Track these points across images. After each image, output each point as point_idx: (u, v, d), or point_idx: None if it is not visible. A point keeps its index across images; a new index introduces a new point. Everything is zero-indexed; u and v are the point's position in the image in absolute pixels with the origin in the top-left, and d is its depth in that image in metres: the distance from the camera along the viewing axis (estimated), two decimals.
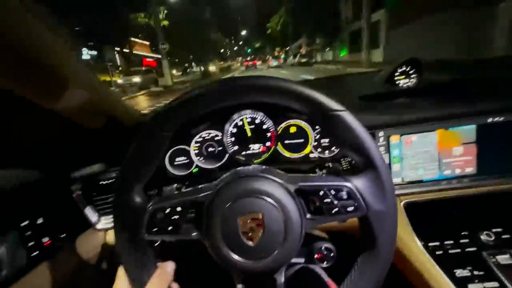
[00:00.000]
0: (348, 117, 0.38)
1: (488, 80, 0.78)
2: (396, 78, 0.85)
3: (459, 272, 0.55)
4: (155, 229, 0.39)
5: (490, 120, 0.64)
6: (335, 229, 0.68)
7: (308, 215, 0.39)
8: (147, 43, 28.98)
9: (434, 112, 0.66)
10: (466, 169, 0.67)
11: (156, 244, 0.43)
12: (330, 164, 0.63)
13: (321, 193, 0.38)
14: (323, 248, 0.42)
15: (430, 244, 0.61)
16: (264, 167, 0.45)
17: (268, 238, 0.38)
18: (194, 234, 0.40)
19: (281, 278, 0.40)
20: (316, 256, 0.42)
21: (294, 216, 0.38)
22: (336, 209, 0.38)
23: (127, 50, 22.45)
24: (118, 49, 21.08)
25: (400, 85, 0.84)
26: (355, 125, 0.38)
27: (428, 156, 0.67)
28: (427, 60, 0.82)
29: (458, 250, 0.59)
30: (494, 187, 0.65)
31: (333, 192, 0.38)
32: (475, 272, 0.54)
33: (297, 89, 0.39)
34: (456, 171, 0.67)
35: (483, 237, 0.60)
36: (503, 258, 0.55)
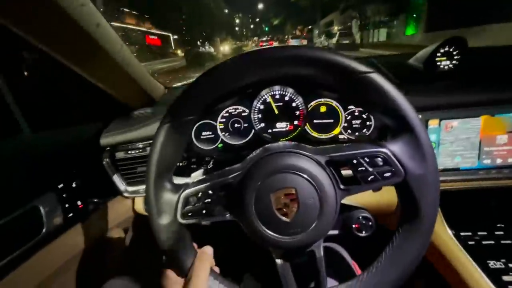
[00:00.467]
0: (378, 78, 0.35)
1: None
2: (437, 59, 0.78)
3: (493, 264, 0.53)
4: (189, 213, 0.39)
5: None
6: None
7: (342, 186, 0.38)
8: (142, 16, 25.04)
9: (480, 96, 0.61)
10: (509, 159, 0.63)
11: (193, 228, 0.43)
12: (359, 134, 0.59)
13: (355, 161, 0.36)
14: (360, 217, 0.41)
15: (462, 233, 0.59)
16: (294, 143, 0.43)
17: (303, 212, 0.37)
18: (228, 215, 0.40)
19: (320, 251, 0.39)
20: (354, 225, 0.41)
21: (328, 188, 0.37)
22: (372, 176, 0.36)
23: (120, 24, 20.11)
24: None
25: (442, 66, 0.78)
26: (387, 86, 0.35)
27: (468, 144, 0.63)
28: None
29: (492, 242, 0.57)
30: None
31: (367, 159, 0.36)
32: (510, 265, 0.52)
33: (320, 54, 0.35)
34: (497, 160, 0.63)
35: None
36: None
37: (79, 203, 0.59)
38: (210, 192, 0.39)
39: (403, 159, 0.35)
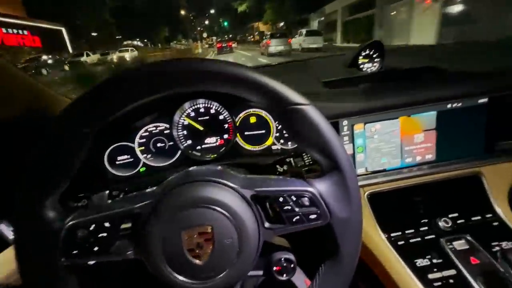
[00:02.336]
0: (313, 112, 0.33)
1: (448, 66, 0.78)
2: (360, 62, 0.81)
3: (420, 262, 0.54)
4: (75, 251, 0.31)
5: (449, 106, 0.64)
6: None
7: (267, 224, 0.35)
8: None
9: (398, 99, 0.63)
10: (426, 156, 0.67)
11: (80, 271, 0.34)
12: (292, 160, 0.59)
13: (281, 199, 0.34)
14: (282, 259, 0.38)
15: (393, 234, 0.60)
16: (218, 168, 0.38)
17: (219, 254, 0.32)
18: (129, 253, 0.33)
19: None
20: (275, 268, 0.38)
21: (250, 227, 0.33)
22: (297, 217, 0.34)
23: None
24: None
25: (364, 69, 0.81)
26: (320, 122, 0.33)
27: (391, 144, 0.65)
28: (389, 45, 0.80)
29: (419, 239, 0.59)
30: (451, 173, 0.66)
31: (294, 198, 0.34)
32: (434, 261, 0.54)
33: (252, 77, 0.32)
34: (417, 158, 0.67)
35: (440, 223, 0.60)
36: (459, 244, 0.56)
37: None
38: (107, 224, 0.32)
39: (329, 201, 0.34)
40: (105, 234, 0.32)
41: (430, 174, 0.66)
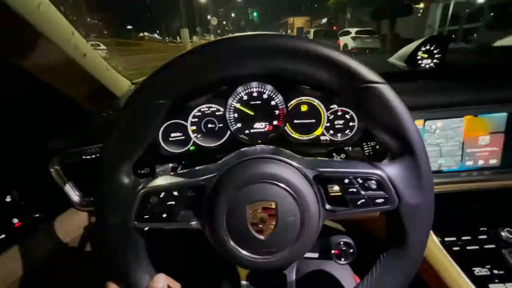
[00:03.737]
0: (388, 92, 0.31)
1: None
2: (418, 57, 0.76)
3: (478, 271, 0.51)
4: (146, 216, 0.33)
5: None
6: (348, 219, 0.63)
7: (328, 206, 0.34)
8: None
9: (463, 96, 0.59)
10: (490, 160, 0.62)
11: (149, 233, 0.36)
12: (350, 148, 0.57)
13: (346, 180, 0.33)
14: (341, 243, 0.37)
15: (447, 239, 0.57)
16: (273, 147, 0.38)
17: (282, 231, 0.32)
18: (193, 222, 0.34)
19: (292, 275, 0.36)
20: (333, 251, 0.37)
21: (312, 207, 0.33)
22: (363, 200, 0.32)
23: None
24: None
25: (423, 65, 0.76)
26: (396, 102, 0.31)
27: (452, 145, 0.61)
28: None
29: (476, 247, 0.55)
30: None
31: (360, 180, 0.32)
32: (495, 271, 0.51)
33: (325, 52, 0.31)
34: (479, 162, 0.62)
35: (503, 233, 0.56)
36: None
37: (15, 220, 0.49)
38: (176, 193, 0.33)
39: (399, 186, 0.32)
40: (173, 202, 0.33)
41: (491, 181, 0.61)
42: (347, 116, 0.65)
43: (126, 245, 0.34)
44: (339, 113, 0.65)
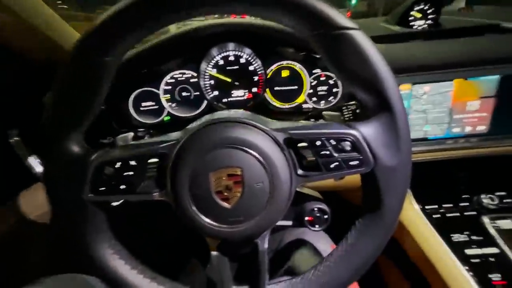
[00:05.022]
0: (362, 38, 0.28)
1: None
2: (410, 18, 0.71)
3: (456, 237, 0.50)
4: (102, 188, 0.31)
5: None
6: (326, 189, 0.61)
7: (300, 171, 0.31)
8: None
9: (455, 56, 0.55)
10: (478, 127, 0.59)
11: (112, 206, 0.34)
12: (329, 113, 0.54)
13: (318, 143, 0.30)
14: (315, 209, 0.35)
15: (428, 207, 0.56)
16: (243, 111, 0.35)
17: (249, 198, 0.30)
18: (155, 193, 0.32)
19: (264, 244, 0.34)
20: (306, 218, 0.35)
21: (283, 172, 0.30)
22: (336, 163, 0.30)
23: None
24: None
25: (415, 27, 0.71)
26: (371, 51, 0.28)
27: (439, 111, 0.58)
28: None
29: (457, 214, 0.54)
30: (504, 148, 0.58)
31: (333, 142, 0.30)
32: (473, 237, 0.50)
33: None
34: (466, 129, 0.59)
35: (485, 200, 0.55)
36: (505, 223, 0.51)
37: None
38: (133, 163, 0.31)
39: (375, 146, 0.29)
40: (131, 173, 0.31)
41: (478, 148, 0.59)
42: (331, 82, 0.61)
43: (83, 220, 0.31)
44: (322, 79, 0.61)
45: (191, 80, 0.61)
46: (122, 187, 0.31)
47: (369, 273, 0.34)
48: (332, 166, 0.30)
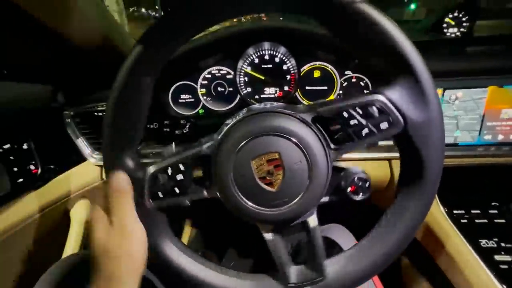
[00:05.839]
0: (372, 10, 0.28)
1: None
2: (444, 25, 0.71)
3: (485, 243, 0.50)
4: (160, 194, 0.34)
5: None
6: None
7: (333, 145, 0.33)
8: None
9: (489, 63, 0.55)
10: (511, 136, 0.59)
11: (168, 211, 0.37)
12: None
13: (345, 114, 0.31)
14: (356, 179, 0.35)
15: (455, 211, 0.55)
16: (274, 103, 0.37)
17: (291, 179, 0.32)
18: (205, 192, 0.35)
19: (314, 221, 0.35)
20: (349, 189, 0.35)
21: (317, 149, 0.32)
22: (366, 129, 0.30)
23: None
24: None
25: (448, 34, 0.71)
26: (383, 19, 0.28)
27: (471, 118, 0.58)
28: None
29: (485, 221, 0.54)
30: None
31: (359, 110, 0.30)
32: (502, 244, 0.50)
33: None
34: (498, 137, 0.59)
35: None
36: None
37: (32, 167, 0.51)
38: (182, 167, 0.33)
39: (402, 106, 0.29)
40: (181, 176, 0.33)
41: (510, 156, 0.59)
42: (362, 84, 0.62)
43: (148, 224, 0.34)
44: (353, 80, 0.62)
45: (227, 77, 0.65)
46: (177, 190, 0.33)
47: (391, 276, 0.34)
48: (363, 133, 0.30)
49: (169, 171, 0.33)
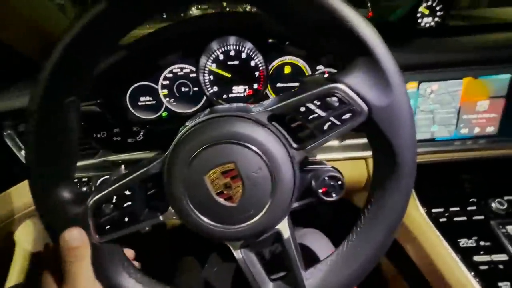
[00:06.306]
0: None
1: None
2: (418, 15, 0.68)
3: (464, 242, 0.48)
4: (107, 227, 0.29)
5: None
6: None
7: (295, 144, 0.29)
8: None
9: (464, 54, 0.53)
10: (487, 128, 0.57)
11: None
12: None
13: (303, 109, 0.27)
14: (326, 178, 0.31)
15: (434, 210, 0.53)
16: (242, 104, 0.33)
17: (252, 190, 0.28)
18: (160, 216, 0.31)
19: (287, 230, 0.31)
20: (320, 191, 0.31)
21: (277, 152, 0.28)
22: (328, 123, 0.27)
23: None
24: None
25: (422, 24, 0.68)
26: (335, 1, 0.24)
27: (447, 111, 0.56)
28: None
29: (464, 218, 0.52)
30: None
31: (317, 103, 0.27)
32: (482, 243, 0.48)
33: None
34: (475, 130, 0.57)
35: (493, 205, 0.52)
36: None
37: None
38: (128, 192, 0.29)
39: (363, 92, 0.26)
40: (129, 203, 0.29)
41: (487, 150, 0.57)
42: None
43: (96, 260, 0.29)
44: (326, 75, 0.58)
45: (191, 75, 0.59)
46: (126, 219, 0.29)
47: (371, 277, 0.31)
48: (325, 127, 0.27)
49: (115, 199, 0.29)
